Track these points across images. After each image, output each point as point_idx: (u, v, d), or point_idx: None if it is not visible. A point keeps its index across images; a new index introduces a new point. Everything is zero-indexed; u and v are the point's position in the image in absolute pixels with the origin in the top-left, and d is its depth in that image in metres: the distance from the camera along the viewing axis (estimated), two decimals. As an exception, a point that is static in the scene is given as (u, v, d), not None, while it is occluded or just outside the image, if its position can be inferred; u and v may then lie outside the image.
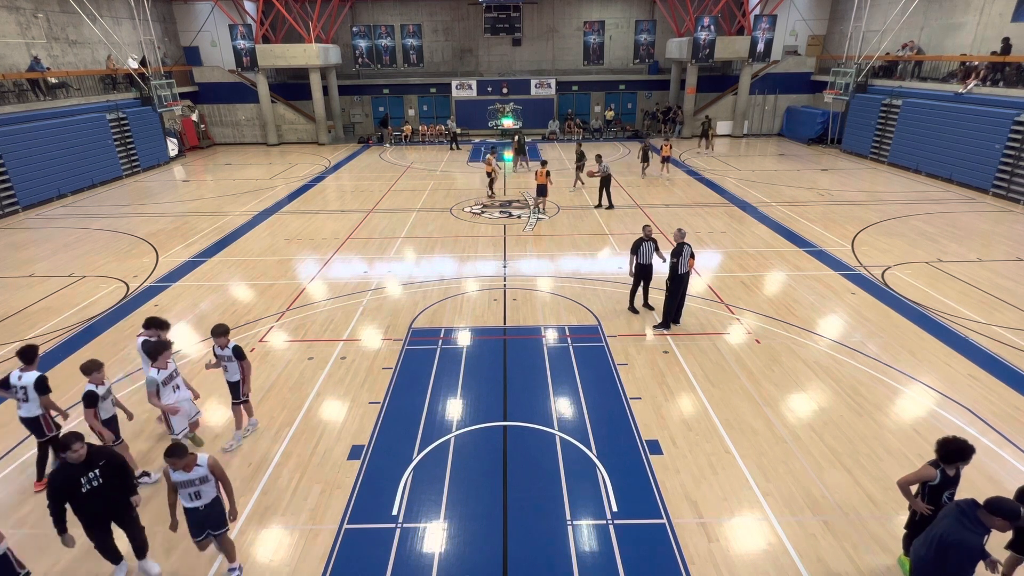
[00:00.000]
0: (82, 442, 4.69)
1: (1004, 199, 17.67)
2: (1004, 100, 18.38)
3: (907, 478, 4.81)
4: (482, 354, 9.17)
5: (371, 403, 7.88)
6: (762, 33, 27.64)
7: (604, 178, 16.95)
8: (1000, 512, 3.93)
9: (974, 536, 3.99)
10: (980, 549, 3.99)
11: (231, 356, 6.79)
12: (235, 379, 6.88)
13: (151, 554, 5.39)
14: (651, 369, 8.62)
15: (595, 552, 5.49)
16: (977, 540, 3.99)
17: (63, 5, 21.81)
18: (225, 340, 6.76)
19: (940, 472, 4.66)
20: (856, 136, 24.95)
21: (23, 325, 10.30)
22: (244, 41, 27.46)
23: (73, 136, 20.08)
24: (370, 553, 5.52)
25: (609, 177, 16.95)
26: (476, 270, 12.62)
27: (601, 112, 32.76)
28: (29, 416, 6.18)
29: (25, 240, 15.26)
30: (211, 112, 30.28)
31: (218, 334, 6.72)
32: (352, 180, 22.19)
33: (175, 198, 19.64)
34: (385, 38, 31.14)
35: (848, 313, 10.31)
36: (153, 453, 7.04)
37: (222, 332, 6.73)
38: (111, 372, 8.69)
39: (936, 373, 8.38)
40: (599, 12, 31.72)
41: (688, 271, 9.39)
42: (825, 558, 5.39)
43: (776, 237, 14.53)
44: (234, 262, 13.37)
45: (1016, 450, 6.76)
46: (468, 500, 6.18)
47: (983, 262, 12.52)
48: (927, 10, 23.11)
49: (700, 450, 6.84)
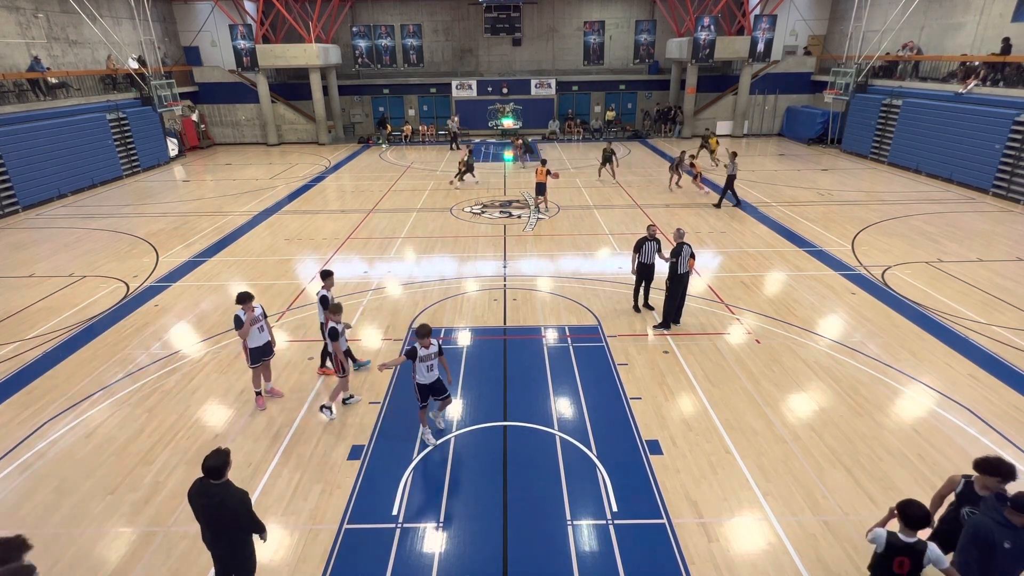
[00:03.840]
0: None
1: (1004, 199, 17.66)
2: (1004, 100, 18.37)
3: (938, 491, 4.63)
4: (482, 354, 9.17)
5: (371, 403, 7.88)
6: (762, 33, 27.63)
7: (729, 177, 16.80)
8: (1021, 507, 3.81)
9: (991, 523, 3.86)
10: (990, 540, 3.84)
11: (436, 353, 6.71)
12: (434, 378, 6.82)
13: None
14: (651, 369, 8.62)
15: (595, 552, 5.48)
16: (991, 527, 3.84)
17: (63, 5, 21.81)
18: (428, 341, 6.60)
19: (965, 482, 4.45)
20: (856, 136, 24.95)
21: (23, 325, 10.30)
22: (244, 41, 27.45)
23: (73, 136, 20.07)
24: (370, 553, 5.52)
25: (734, 176, 16.80)
26: (476, 270, 12.62)
27: (601, 112, 32.77)
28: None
29: (25, 240, 15.26)
30: (211, 112, 30.28)
31: (423, 335, 6.56)
32: (352, 180, 22.19)
33: (175, 198, 19.64)
34: (385, 38, 31.14)
35: (848, 313, 10.31)
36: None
37: (426, 334, 6.57)
38: (111, 372, 8.70)
39: (936, 373, 8.38)
40: (599, 12, 31.72)
41: (688, 271, 9.38)
42: (825, 558, 5.38)
43: (776, 237, 14.53)
44: (234, 262, 13.36)
45: (1016, 450, 6.76)
46: (468, 500, 6.18)
47: (983, 262, 12.52)
48: (927, 10, 23.10)
49: (700, 450, 6.84)
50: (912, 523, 3.94)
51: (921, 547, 3.93)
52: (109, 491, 6.33)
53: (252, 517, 4.53)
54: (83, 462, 6.80)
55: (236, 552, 4.64)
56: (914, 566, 3.94)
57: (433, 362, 6.73)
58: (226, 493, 4.40)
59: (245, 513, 4.48)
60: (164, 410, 7.78)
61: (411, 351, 6.58)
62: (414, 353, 6.57)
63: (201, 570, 5.37)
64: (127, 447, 7.04)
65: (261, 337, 7.55)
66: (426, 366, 6.67)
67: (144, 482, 6.46)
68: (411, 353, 6.58)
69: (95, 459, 6.85)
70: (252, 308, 7.39)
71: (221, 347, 9.45)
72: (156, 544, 5.63)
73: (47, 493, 6.33)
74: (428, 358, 6.65)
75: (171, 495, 6.25)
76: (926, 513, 3.94)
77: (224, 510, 4.40)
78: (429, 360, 6.68)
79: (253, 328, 7.36)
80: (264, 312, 7.61)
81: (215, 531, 4.52)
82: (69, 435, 7.29)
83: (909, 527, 3.96)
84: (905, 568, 3.96)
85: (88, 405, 7.91)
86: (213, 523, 4.49)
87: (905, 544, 3.96)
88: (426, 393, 6.84)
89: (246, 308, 7.33)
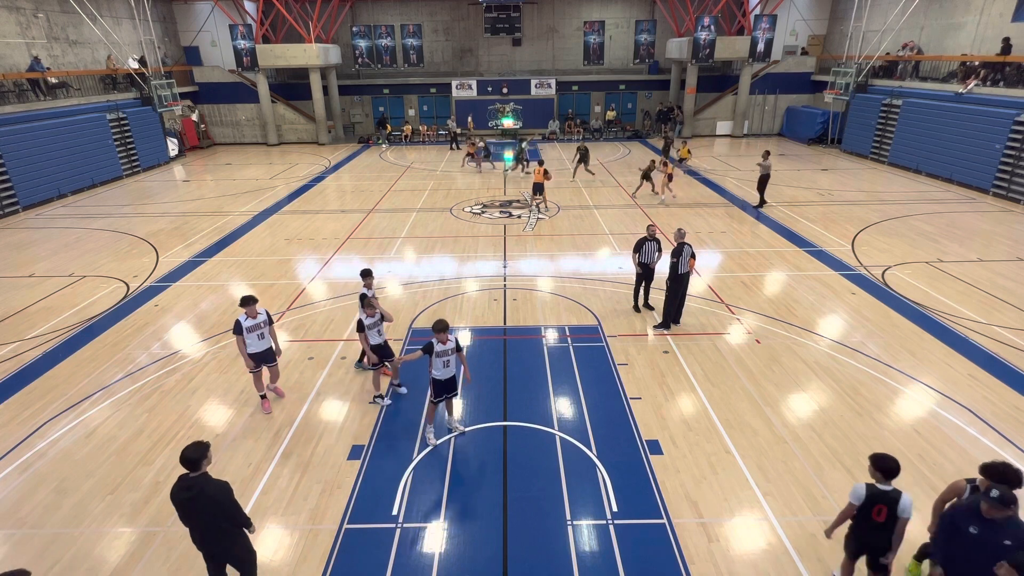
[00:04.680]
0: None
1: (1004, 199, 17.66)
2: (1004, 100, 18.37)
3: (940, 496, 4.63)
4: (482, 354, 9.17)
5: (371, 403, 7.87)
6: (762, 33, 27.64)
7: (764, 176, 16.77)
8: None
9: (965, 508, 4.02)
10: (956, 523, 3.99)
11: (454, 348, 6.74)
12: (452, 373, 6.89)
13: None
14: (651, 369, 8.62)
15: (595, 552, 5.48)
16: (963, 511, 4.02)
17: (63, 5, 21.81)
18: (445, 336, 6.62)
19: (971, 488, 4.42)
20: (856, 136, 24.95)
21: (23, 325, 10.30)
22: (244, 41, 27.46)
23: (73, 136, 20.07)
24: (370, 553, 5.52)
25: (768, 176, 16.78)
26: (476, 270, 12.62)
27: (601, 112, 32.77)
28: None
29: (25, 240, 15.26)
30: (211, 112, 30.28)
31: (439, 330, 6.56)
32: (352, 180, 22.19)
33: (175, 198, 19.64)
34: (385, 38, 31.15)
35: (848, 313, 10.31)
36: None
37: (443, 328, 6.57)
38: (111, 372, 8.70)
39: (936, 373, 8.38)
40: (599, 12, 31.72)
41: (688, 271, 9.39)
42: (825, 558, 5.38)
43: (776, 237, 14.53)
44: (234, 262, 13.36)
45: (1016, 450, 6.76)
46: (468, 500, 6.18)
47: (983, 262, 12.52)
48: (927, 10, 23.10)
49: (700, 450, 6.84)
50: (888, 473, 4.32)
51: (896, 495, 4.29)
52: (109, 491, 6.34)
53: (235, 506, 4.52)
54: (83, 462, 6.80)
55: (228, 546, 4.62)
56: (890, 513, 4.29)
57: (450, 358, 6.72)
58: (205, 483, 4.40)
59: (226, 501, 4.45)
60: (164, 410, 7.78)
61: (428, 346, 6.58)
62: (431, 348, 6.58)
63: (201, 570, 5.34)
64: (127, 447, 7.04)
65: (260, 344, 7.40)
66: (443, 361, 6.68)
67: (144, 482, 6.46)
68: (428, 348, 6.58)
69: (95, 459, 6.85)
70: (256, 313, 7.31)
71: (221, 347, 9.45)
72: (156, 544, 5.63)
73: (47, 493, 6.33)
74: (445, 353, 6.66)
75: (171, 495, 6.24)
76: (898, 464, 4.35)
77: (206, 501, 4.38)
78: (446, 356, 6.69)
79: (252, 335, 7.29)
80: (270, 318, 7.49)
81: (203, 525, 4.50)
82: (69, 435, 7.29)
83: (885, 477, 4.33)
84: (883, 515, 4.31)
85: (88, 405, 7.91)
86: (199, 517, 4.46)
87: (882, 492, 4.31)
88: (440, 389, 6.84)
89: (249, 313, 7.25)
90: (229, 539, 4.61)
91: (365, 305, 7.55)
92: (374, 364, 7.70)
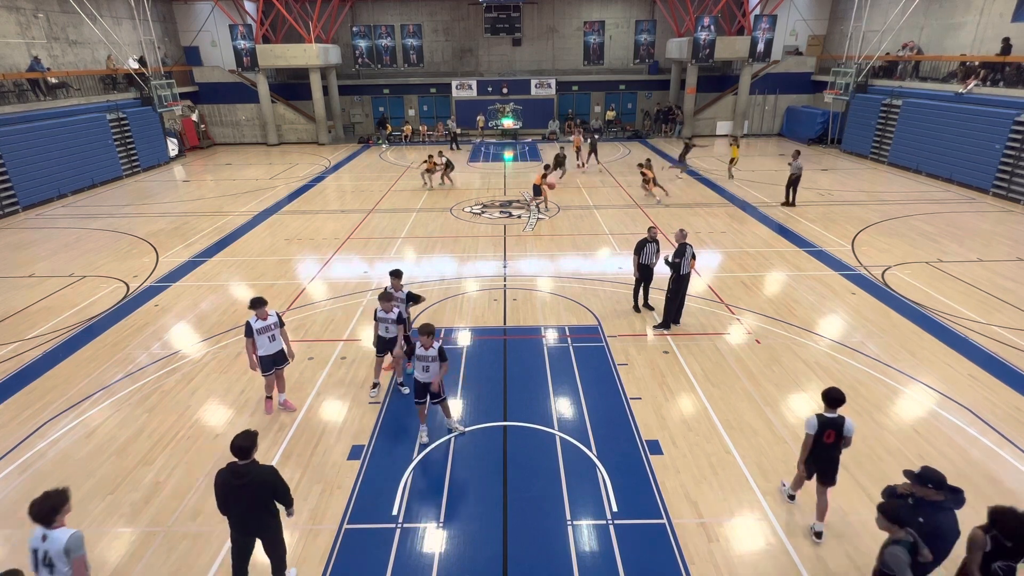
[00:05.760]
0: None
1: (1004, 199, 17.67)
2: (1004, 100, 18.37)
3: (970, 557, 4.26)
4: (482, 354, 9.17)
5: (371, 403, 7.88)
6: (762, 33, 27.63)
7: (795, 176, 16.84)
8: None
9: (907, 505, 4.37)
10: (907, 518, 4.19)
11: (433, 357, 6.66)
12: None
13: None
14: (651, 369, 8.62)
15: (595, 552, 5.49)
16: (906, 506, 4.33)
17: (63, 5, 21.81)
18: (429, 341, 6.61)
19: (992, 539, 4.08)
20: (856, 136, 24.95)
21: (23, 325, 10.30)
22: (244, 41, 27.45)
23: (73, 136, 20.07)
24: (370, 553, 5.52)
25: (799, 176, 16.89)
26: (476, 270, 12.62)
27: (601, 112, 32.76)
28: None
29: (25, 240, 15.26)
30: (211, 112, 30.27)
31: (423, 334, 6.57)
32: (352, 180, 22.19)
33: (175, 198, 19.64)
34: (385, 38, 31.15)
35: (848, 313, 10.31)
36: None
37: (427, 332, 6.57)
38: (111, 372, 8.70)
39: (936, 373, 8.38)
40: (599, 12, 31.72)
41: (689, 272, 9.39)
42: (825, 558, 5.39)
43: (776, 237, 14.53)
44: (234, 262, 13.36)
45: (1016, 450, 6.77)
46: (468, 500, 6.18)
47: (983, 262, 12.52)
48: (927, 10, 23.10)
49: (700, 450, 6.84)
50: (833, 403, 5.30)
51: (841, 420, 5.30)
52: (109, 491, 6.34)
53: (286, 486, 4.81)
54: (83, 462, 6.80)
55: (270, 531, 4.83)
56: (837, 436, 5.30)
57: (429, 364, 6.64)
58: (256, 470, 4.64)
59: (278, 482, 4.74)
60: (164, 410, 7.78)
61: (411, 347, 6.54)
62: (412, 350, 6.52)
63: (201, 570, 5.37)
64: (127, 447, 7.04)
65: (272, 346, 7.29)
66: (422, 366, 6.63)
67: (144, 482, 6.46)
68: (410, 350, 6.54)
69: (95, 459, 6.85)
70: (266, 315, 7.23)
71: (221, 347, 9.45)
72: (156, 544, 5.63)
73: (47, 493, 6.32)
74: (424, 359, 6.59)
75: (171, 495, 6.25)
76: (842, 394, 5.32)
77: (256, 486, 4.62)
78: (425, 361, 6.63)
79: (263, 336, 7.22)
80: (280, 320, 7.38)
81: (248, 511, 4.69)
82: (69, 435, 7.29)
83: (830, 406, 5.31)
84: (831, 438, 5.32)
85: (88, 405, 7.91)
86: (245, 502, 4.64)
87: (830, 419, 5.30)
88: (421, 391, 6.82)
89: (259, 315, 7.17)
90: (275, 525, 4.87)
91: (382, 298, 7.56)
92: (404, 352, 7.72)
